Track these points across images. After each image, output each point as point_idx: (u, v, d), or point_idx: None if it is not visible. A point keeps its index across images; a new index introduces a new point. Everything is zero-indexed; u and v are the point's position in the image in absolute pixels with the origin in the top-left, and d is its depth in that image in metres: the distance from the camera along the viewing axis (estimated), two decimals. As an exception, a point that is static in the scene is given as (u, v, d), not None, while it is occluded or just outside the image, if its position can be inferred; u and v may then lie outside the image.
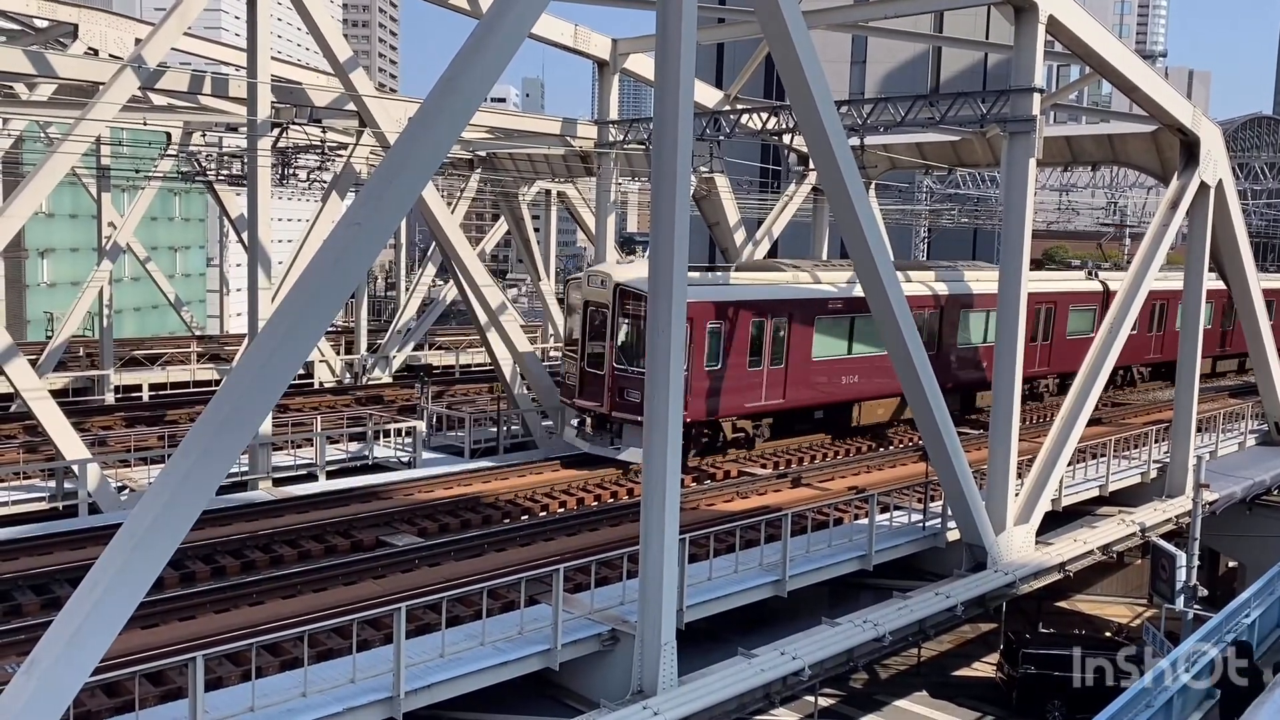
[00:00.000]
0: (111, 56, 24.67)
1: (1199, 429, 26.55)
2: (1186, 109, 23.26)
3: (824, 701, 22.37)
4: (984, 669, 26.52)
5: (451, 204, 37.19)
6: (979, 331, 30.26)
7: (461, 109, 11.68)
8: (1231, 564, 30.85)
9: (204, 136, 35.53)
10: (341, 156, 28.10)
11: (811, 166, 30.51)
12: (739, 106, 28.79)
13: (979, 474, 20.11)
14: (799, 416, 27.06)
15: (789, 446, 26.21)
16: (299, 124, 25.54)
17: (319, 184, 28.65)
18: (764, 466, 24.57)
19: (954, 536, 19.91)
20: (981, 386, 29.38)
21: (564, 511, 20.79)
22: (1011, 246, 19.92)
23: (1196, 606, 19.10)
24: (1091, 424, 23.36)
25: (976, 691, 25.44)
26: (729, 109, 28.45)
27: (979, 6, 35.24)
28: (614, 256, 29.69)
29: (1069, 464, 22.12)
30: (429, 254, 46.52)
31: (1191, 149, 23.82)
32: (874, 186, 34.23)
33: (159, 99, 28.12)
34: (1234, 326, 35.69)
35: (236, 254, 48.94)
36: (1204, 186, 24.18)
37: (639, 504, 14.13)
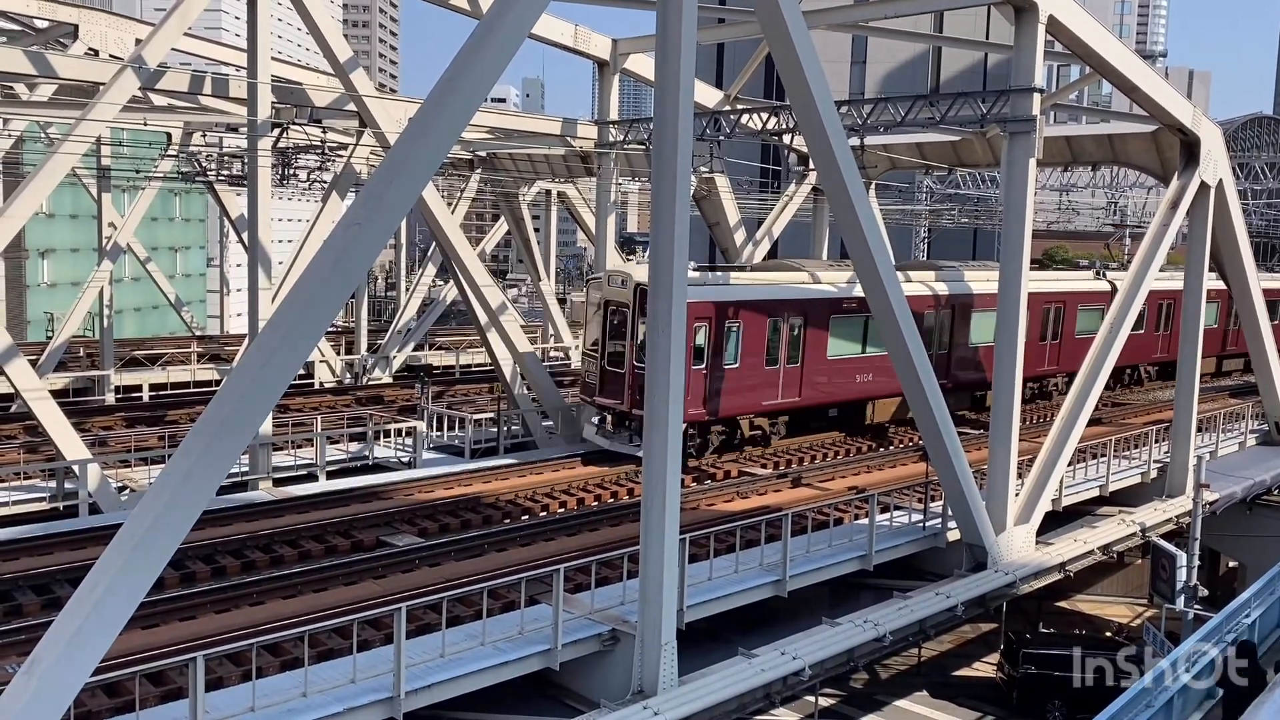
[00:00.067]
0: (112, 57, 24.67)
1: (1199, 429, 26.55)
2: (1187, 109, 23.27)
3: (824, 701, 22.39)
4: (984, 669, 26.53)
5: (451, 204, 37.19)
6: (991, 331, 30.31)
7: (461, 109, 11.69)
8: (1232, 564, 30.85)
9: (204, 137, 35.53)
10: (342, 157, 28.12)
11: (811, 166, 30.53)
12: (739, 106, 28.80)
13: (979, 474, 20.12)
14: (814, 415, 27.29)
15: (789, 447, 26.22)
16: (299, 124, 25.57)
17: (319, 184, 28.69)
18: (764, 466, 24.58)
19: (954, 536, 19.91)
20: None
21: (564, 511, 20.78)
22: (1011, 246, 19.95)
23: (1197, 606, 19.09)
24: (1092, 424, 23.36)
25: (977, 691, 25.45)
26: (729, 109, 28.46)
27: (979, 6, 35.24)
28: (616, 257, 29.68)
29: (1069, 464, 22.12)
30: (429, 254, 46.52)
31: (1192, 149, 23.84)
32: (874, 186, 34.24)
33: (159, 99, 28.11)
34: (1240, 325, 35.70)
35: (237, 254, 48.95)
36: (1204, 186, 24.19)
37: (639, 504, 14.14)
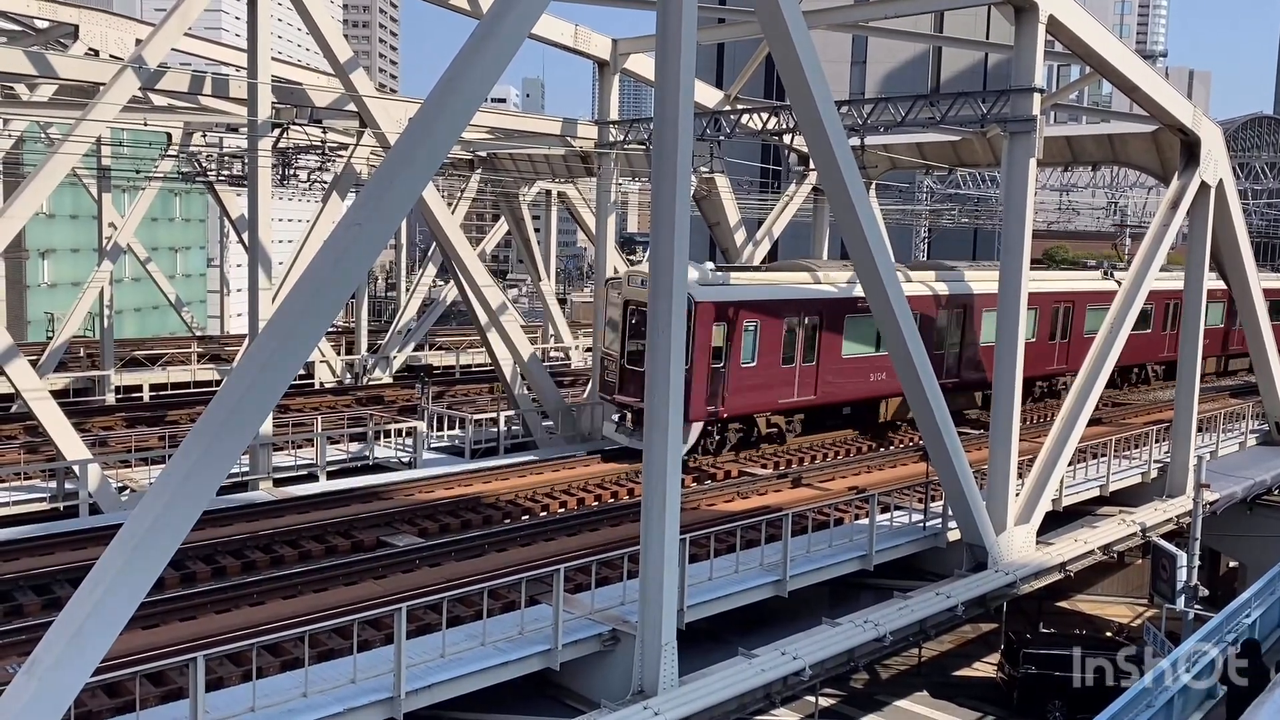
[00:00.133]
0: (112, 57, 24.68)
1: (1200, 429, 26.56)
2: (1187, 109, 23.27)
3: (824, 701, 22.37)
4: (985, 669, 26.52)
5: (452, 204, 37.19)
6: None
7: (462, 109, 11.70)
8: (1232, 564, 30.84)
9: (204, 137, 35.54)
10: (342, 157, 28.14)
11: (811, 166, 30.54)
12: (739, 106, 28.79)
13: (980, 474, 20.11)
14: (829, 413, 27.43)
15: (790, 447, 26.24)
16: (299, 124, 25.58)
17: (319, 184, 28.70)
18: (764, 466, 24.58)
19: (954, 536, 19.91)
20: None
21: (564, 511, 20.79)
22: (1012, 246, 19.94)
23: (1197, 606, 19.09)
24: (1092, 424, 23.36)
25: (977, 691, 25.44)
26: (729, 109, 28.46)
27: (979, 6, 35.24)
28: (616, 257, 29.69)
29: (1070, 464, 22.12)
30: (429, 254, 46.55)
31: (1192, 149, 23.84)
32: (874, 186, 34.25)
33: (159, 99, 28.11)
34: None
35: (237, 254, 48.93)
36: (1204, 186, 24.19)
37: (639, 504, 14.14)
